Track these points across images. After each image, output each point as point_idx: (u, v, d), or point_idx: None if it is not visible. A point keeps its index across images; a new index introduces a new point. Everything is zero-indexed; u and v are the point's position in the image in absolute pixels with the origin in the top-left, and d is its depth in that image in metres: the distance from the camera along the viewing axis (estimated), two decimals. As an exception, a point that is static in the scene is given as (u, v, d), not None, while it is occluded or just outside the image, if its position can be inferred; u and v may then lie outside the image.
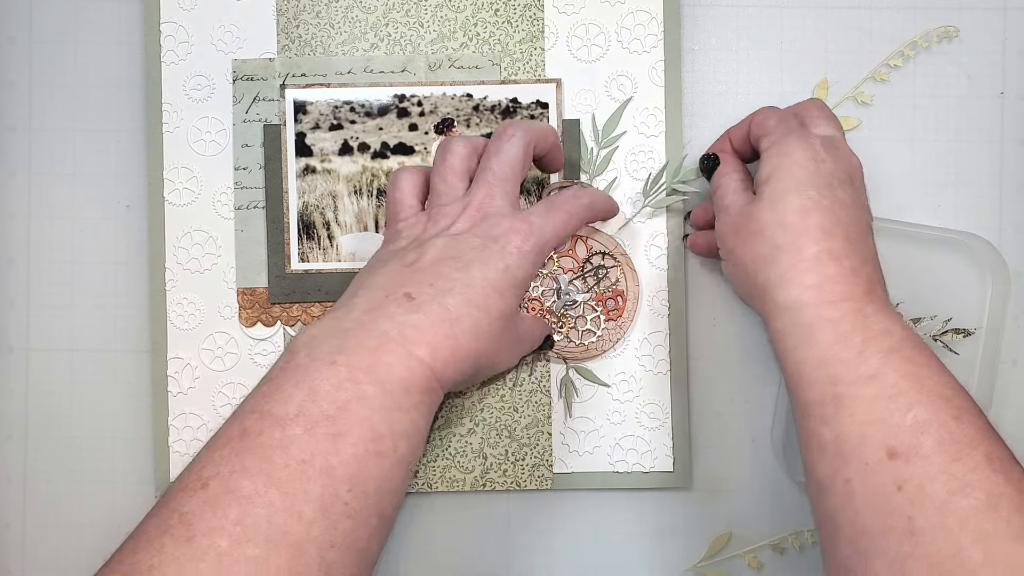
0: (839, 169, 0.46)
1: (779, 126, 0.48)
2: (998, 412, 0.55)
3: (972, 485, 0.38)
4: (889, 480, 0.39)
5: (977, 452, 0.39)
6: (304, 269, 0.55)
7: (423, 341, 0.42)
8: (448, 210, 0.47)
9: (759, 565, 0.55)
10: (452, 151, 0.48)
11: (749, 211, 0.46)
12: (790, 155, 0.46)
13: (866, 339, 0.42)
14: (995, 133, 0.56)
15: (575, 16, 0.55)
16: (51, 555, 0.56)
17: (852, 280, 0.43)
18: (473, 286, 0.44)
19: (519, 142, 0.48)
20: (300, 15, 0.55)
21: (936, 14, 0.56)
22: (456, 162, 0.48)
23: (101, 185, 0.56)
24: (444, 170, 0.48)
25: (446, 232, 0.46)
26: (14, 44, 0.56)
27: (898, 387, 0.41)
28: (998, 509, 0.38)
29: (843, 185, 0.46)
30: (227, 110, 0.55)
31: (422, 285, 0.44)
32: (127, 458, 0.56)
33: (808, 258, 0.44)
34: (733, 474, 0.55)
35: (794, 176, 0.45)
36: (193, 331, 0.55)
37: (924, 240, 0.54)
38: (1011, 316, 0.55)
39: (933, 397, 0.40)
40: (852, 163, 0.47)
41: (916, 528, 0.38)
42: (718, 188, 0.50)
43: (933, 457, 0.39)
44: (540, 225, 0.47)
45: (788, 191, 0.45)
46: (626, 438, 0.55)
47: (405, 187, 0.49)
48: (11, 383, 0.56)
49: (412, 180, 0.49)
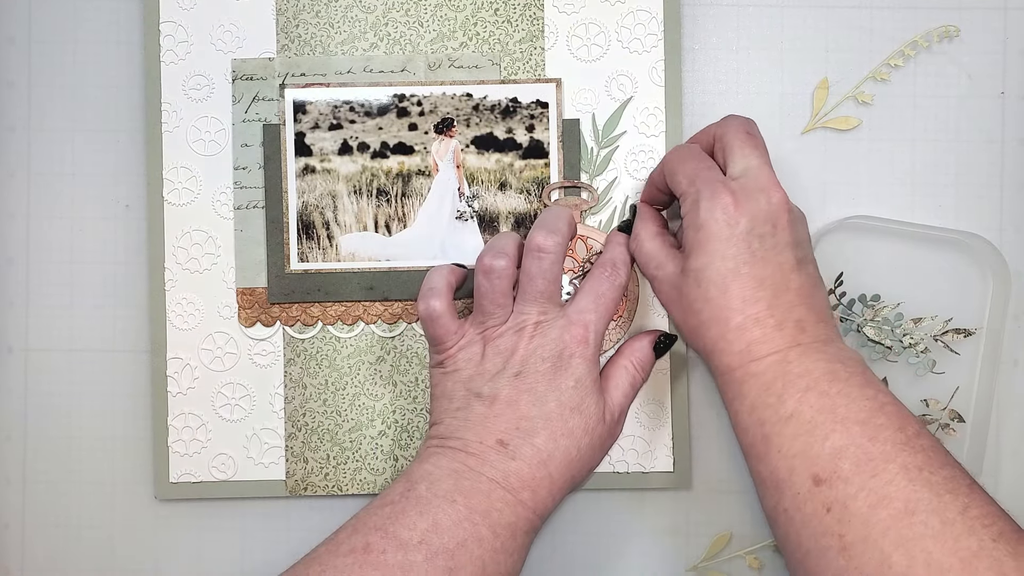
0: (757, 221, 0.47)
1: (689, 188, 0.48)
2: (999, 413, 0.55)
3: (890, 496, 0.42)
4: (819, 504, 0.43)
5: (893, 465, 0.43)
6: (304, 269, 0.55)
7: (524, 487, 0.47)
8: (505, 337, 0.50)
9: (759, 565, 0.55)
10: (495, 271, 0.50)
11: (678, 285, 0.49)
12: (703, 228, 0.47)
13: (785, 384, 0.46)
14: (995, 133, 0.56)
15: (575, 16, 0.55)
16: (51, 555, 0.56)
17: (777, 335, 0.46)
18: (552, 418, 0.48)
19: (558, 260, 0.50)
20: (300, 15, 0.55)
21: (936, 14, 0.55)
22: (501, 284, 0.50)
23: (100, 185, 0.56)
24: (495, 295, 0.50)
25: (512, 360, 0.49)
26: (14, 44, 0.56)
27: (814, 421, 0.44)
28: (915, 514, 0.41)
29: (762, 238, 0.47)
30: (226, 110, 0.55)
31: (509, 431, 0.48)
32: (127, 458, 0.56)
33: (733, 328, 0.47)
34: (733, 474, 0.55)
35: (708, 251, 0.47)
36: (193, 331, 0.55)
37: (924, 240, 0.54)
38: (1012, 316, 0.55)
39: (847, 423, 0.44)
40: (772, 202, 0.47)
41: (847, 544, 0.42)
42: (639, 255, 0.51)
43: (852, 478, 0.43)
44: (594, 321, 0.50)
45: (707, 266, 0.47)
46: (626, 438, 0.55)
47: (440, 310, 0.50)
48: (11, 383, 0.56)
49: (444, 300, 0.50)
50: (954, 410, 0.54)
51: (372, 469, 0.55)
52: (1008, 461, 0.55)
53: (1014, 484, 0.55)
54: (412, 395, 0.55)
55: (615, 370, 0.51)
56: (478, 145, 0.55)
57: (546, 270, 0.49)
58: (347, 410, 0.55)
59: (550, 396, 0.48)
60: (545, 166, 0.55)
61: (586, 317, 0.49)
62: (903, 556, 0.41)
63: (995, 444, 0.55)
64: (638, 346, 0.52)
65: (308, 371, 0.55)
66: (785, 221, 0.47)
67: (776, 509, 0.45)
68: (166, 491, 0.55)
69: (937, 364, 0.54)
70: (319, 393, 0.55)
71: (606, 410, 0.50)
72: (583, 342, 0.49)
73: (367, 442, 0.55)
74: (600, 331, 0.50)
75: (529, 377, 0.48)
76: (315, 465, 0.55)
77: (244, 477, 0.55)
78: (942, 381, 0.54)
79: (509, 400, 0.48)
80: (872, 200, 0.55)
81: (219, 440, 0.55)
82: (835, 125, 0.56)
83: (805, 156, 0.55)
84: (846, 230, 0.54)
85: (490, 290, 0.50)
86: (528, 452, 0.48)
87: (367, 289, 0.55)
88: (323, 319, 0.55)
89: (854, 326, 0.54)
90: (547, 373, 0.48)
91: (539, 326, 0.49)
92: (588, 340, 0.49)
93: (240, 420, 0.55)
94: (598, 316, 0.50)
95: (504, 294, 0.50)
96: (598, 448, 0.50)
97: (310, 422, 0.55)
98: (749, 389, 0.46)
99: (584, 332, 0.49)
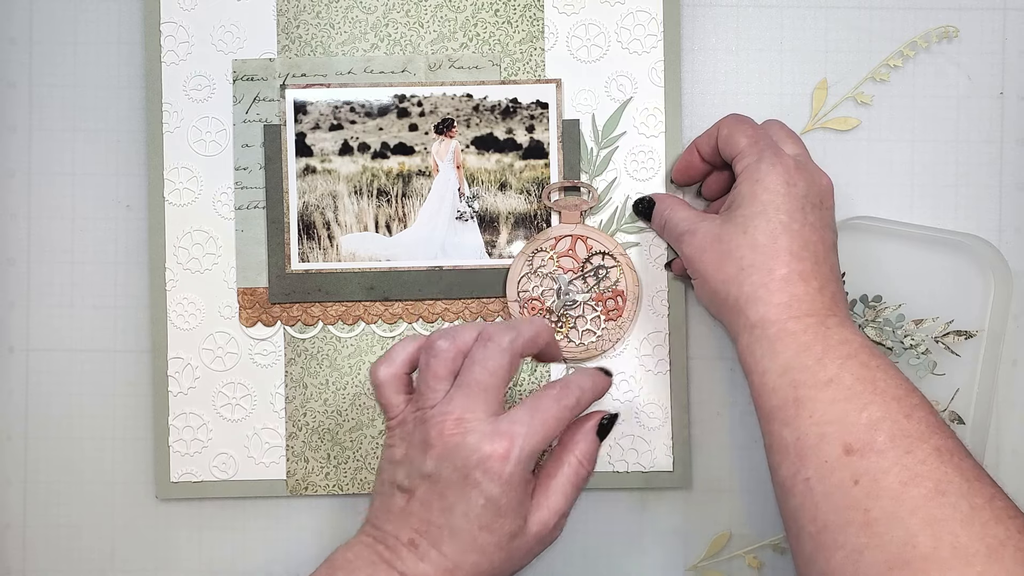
0: (811, 192, 0.48)
1: (751, 147, 0.49)
2: (999, 413, 0.55)
3: (922, 475, 0.41)
4: (847, 475, 0.42)
5: (927, 445, 0.42)
6: (304, 269, 0.55)
7: None
8: (429, 425, 0.45)
9: (759, 565, 0.55)
10: (438, 353, 0.46)
11: (718, 233, 0.48)
12: (761, 181, 0.48)
13: (826, 348, 0.45)
14: (995, 133, 0.56)
15: (575, 16, 0.55)
16: (51, 555, 0.56)
17: (817, 298, 0.46)
18: (459, 532, 0.44)
19: (506, 354, 0.45)
20: (300, 15, 0.55)
21: (936, 14, 0.56)
22: (440, 367, 0.46)
23: (101, 185, 0.56)
24: (428, 376, 0.46)
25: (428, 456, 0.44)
26: (14, 44, 0.56)
27: (853, 389, 0.44)
28: (946, 495, 0.40)
29: (814, 208, 0.48)
30: (227, 110, 0.55)
31: (419, 532, 0.44)
32: (127, 458, 0.56)
33: (778, 278, 0.46)
34: (733, 474, 0.55)
35: (765, 202, 0.47)
36: (193, 331, 0.55)
37: (924, 241, 0.54)
38: (1012, 317, 0.55)
39: (886, 397, 0.43)
40: (823, 184, 0.49)
41: (872, 519, 0.41)
42: (667, 221, 0.52)
43: (886, 451, 0.42)
44: (523, 435, 0.44)
45: (759, 215, 0.47)
46: (626, 438, 0.55)
47: (388, 385, 0.47)
48: (11, 383, 0.56)
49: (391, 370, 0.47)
50: (954, 412, 0.54)
51: (373, 469, 0.55)
52: (1008, 461, 0.55)
53: (1014, 484, 0.55)
54: (412, 395, 0.55)
55: (556, 467, 0.47)
56: (478, 145, 0.55)
57: (488, 359, 0.45)
58: (348, 410, 0.55)
59: (458, 509, 0.44)
60: (545, 166, 0.55)
61: (515, 430, 0.44)
62: (929, 537, 0.40)
63: (995, 444, 0.55)
64: (580, 436, 0.48)
65: (309, 371, 0.55)
66: (830, 203, 0.49)
67: (795, 478, 0.44)
68: (167, 491, 0.55)
69: (937, 365, 0.54)
70: (320, 393, 0.55)
71: (531, 524, 0.45)
72: (503, 459, 0.43)
73: (368, 442, 0.55)
74: (529, 450, 0.44)
75: (440, 483, 0.44)
76: (316, 465, 0.55)
77: (245, 477, 0.55)
78: (942, 382, 0.54)
79: (423, 499, 0.45)
80: (872, 200, 0.56)
81: (220, 440, 0.55)
82: (834, 126, 0.56)
83: (805, 156, 0.55)
84: (846, 231, 0.55)
85: (426, 368, 0.46)
86: (435, 557, 0.44)
87: (368, 289, 0.55)
88: (324, 319, 0.55)
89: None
90: (457, 484, 0.44)
91: (460, 424, 0.44)
92: (510, 457, 0.43)
93: (241, 420, 0.55)
94: (530, 432, 0.44)
95: (438, 377, 0.46)
96: (520, 558, 0.46)
97: (311, 422, 0.55)
98: (784, 347, 0.45)
99: (507, 448, 0.43)
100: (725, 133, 0.50)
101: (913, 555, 0.40)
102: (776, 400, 0.45)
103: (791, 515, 0.44)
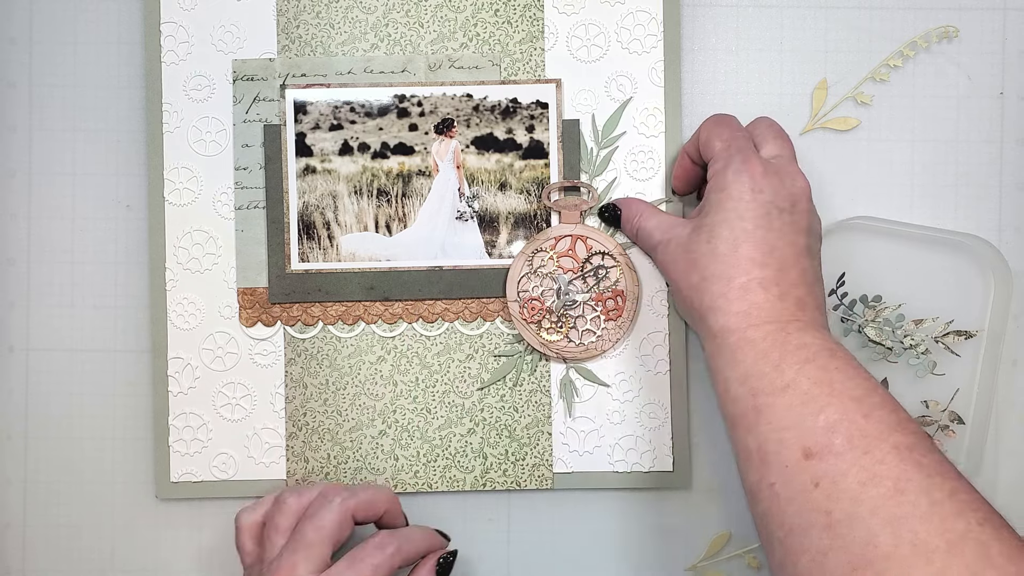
0: (779, 197, 0.48)
1: (722, 153, 0.49)
2: (998, 412, 0.55)
3: (881, 475, 0.41)
4: (807, 479, 0.42)
5: (886, 444, 0.42)
6: (304, 269, 0.55)
7: None
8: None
9: (759, 565, 0.55)
10: (283, 508, 0.49)
11: (685, 243, 0.49)
12: (726, 189, 0.48)
13: (783, 354, 0.45)
14: (995, 133, 0.56)
15: (575, 16, 0.55)
16: (51, 555, 0.56)
17: (778, 305, 0.46)
18: None
19: (336, 510, 0.48)
20: (300, 15, 0.55)
21: (936, 14, 0.56)
22: (282, 521, 0.49)
23: (101, 185, 0.56)
24: (270, 529, 0.49)
25: None
26: (14, 44, 0.56)
27: (810, 393, 0.44)
28: (905, 493, 0.40)
29: (781, 213, 0.48)
30: (227, 110, 0.55)
31: None
32: (127, 458, 0.56)
33: (736, 287, 0.47)
34: (733, 474, 0.55)
35: (728, 209, 0.48)
36: (193, 331, 0.55)
37: (924, 241, 0.54)
38: (1012, 317, 0.55)
39: (844, 399, 0.43)
40: (796, 186, 0.49)
41: (834, 521, 0.41)
42: (639, 230, 0.53)
43: (844, 453, 0.42)
44: None
45: (722, 223, 0.47)
46: (626, 438, 0.55)
47: (244, 531, 0.51)
48: (11, 383, 0.56)
49: (253, 522, 0.51)
50: (953, 411, 0.54)
51: (372, 469, 0.55)
52: (1007, 461, 0.55)
53: (1013, 484, 0.55)
54: (412, 395, 0.55)
55: None
56: (478, 145, 0.55)
57: (317, 517, 0.48)
58: (347, 410, 0.55)
59: None
60: (545, 166, 0.55)
61: None
62: (890, 536, 0.40)
63: (994, 444, 0.55)
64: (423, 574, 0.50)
65: (309, 371, 0.55)
66: (804, 206, 0.48)
67: (760, 484, 0.44)
68: (167, 491, 0.55)
69: (937, 365, 0.54)
70: (320, 393, 0.55)
71: None
72: None
73: (367, 442, 0.55)
74: None
75: None
76: (316, 465, 0.55)
77: (245, 477, 0.55)
78: (942, 382, 0.54)
79: None
80: (871, 200, 0.56)
81: (220, 440, 0.55)
82: (834, 126, 0.56)
83: (804, 157, 0.55)
84: (846, 231, 0.55)
85: (270, 521, 0.50)
86: None
87: (367, 289, 0.55)
88: (324, 319, 0.55)
89: (855, 327, 0.54)
90: None
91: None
92: None
93: (241, 420, 0.55)
94: None
95: (279, 531, 0.49)
96: None
97: (311, 422, 0.55)
98: (744, 356, 0.46)
99: None
100: (704, 137, 0.51)
101: (875, 555, 0.40)
102: (738, 408, 0.46)
103: (761, 521, 0.45)
